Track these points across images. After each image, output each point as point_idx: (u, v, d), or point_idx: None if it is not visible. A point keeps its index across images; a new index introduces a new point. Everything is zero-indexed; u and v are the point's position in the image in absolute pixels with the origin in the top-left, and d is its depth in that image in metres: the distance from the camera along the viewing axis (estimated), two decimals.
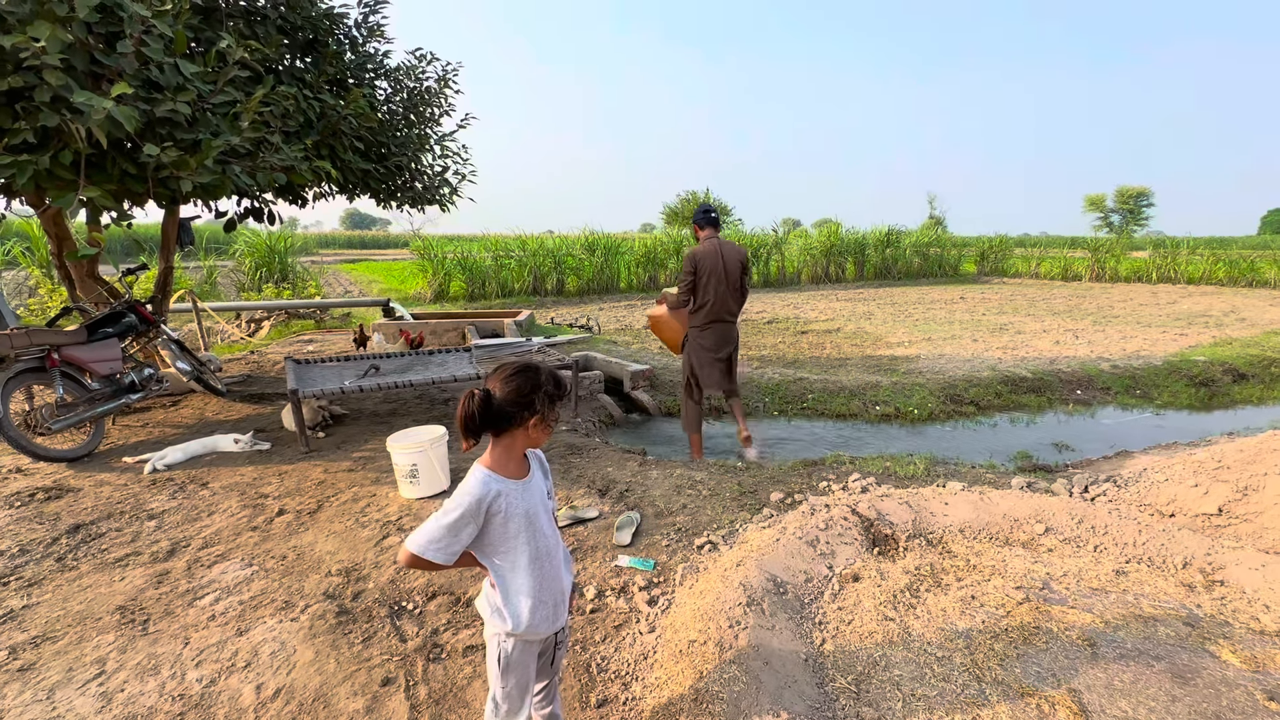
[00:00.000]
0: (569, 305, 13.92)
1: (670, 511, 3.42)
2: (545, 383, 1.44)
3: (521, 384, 1.43)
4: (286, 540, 3.12)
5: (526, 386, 1.42)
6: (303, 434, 4.21)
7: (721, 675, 1.88)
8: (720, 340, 4.51)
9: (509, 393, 1.42)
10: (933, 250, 22.27)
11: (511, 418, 1.42)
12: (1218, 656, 1.99)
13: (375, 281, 18.05)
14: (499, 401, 1.42)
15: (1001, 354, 7.86)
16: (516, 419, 1.43)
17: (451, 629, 2.45)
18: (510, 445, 1.47)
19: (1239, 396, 6.37)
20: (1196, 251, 19.54)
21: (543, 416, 1.44)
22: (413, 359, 5.11)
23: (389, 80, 5.70)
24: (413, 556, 1.41)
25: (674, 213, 28.91)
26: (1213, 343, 8.25)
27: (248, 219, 4.87)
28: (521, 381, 1.43)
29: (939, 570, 2.54)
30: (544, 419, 1.45)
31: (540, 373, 1.45)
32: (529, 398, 1.42)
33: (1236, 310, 12.24)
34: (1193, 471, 3.28)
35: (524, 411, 1.42)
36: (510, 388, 1.43)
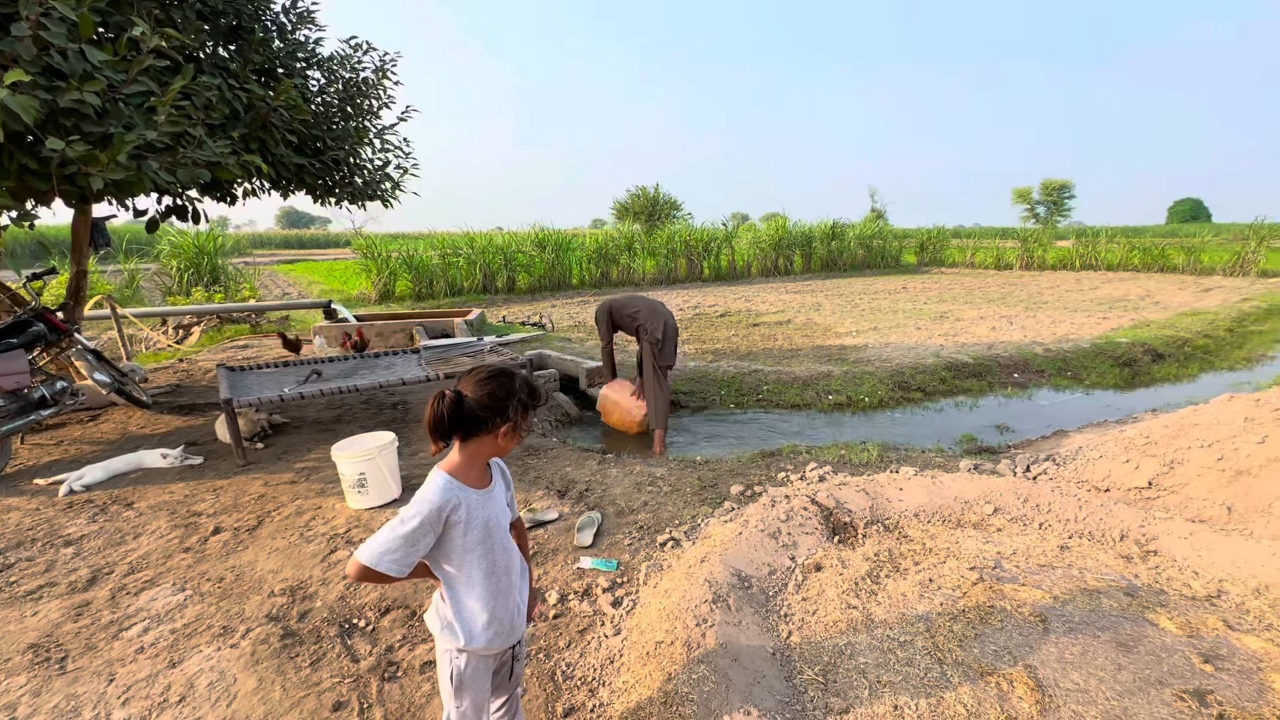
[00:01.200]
0: (520, 303, 13.68)
1: (631, 510, 3.38)
2: (520, 389, 1.38)
3: (495, 389, 1.36)
4: (224, 561, 2.93)
5: (500, 391, 1.36)
6: (239, 446, 3.96)
7: (690, 675, 1.86)
8: None
9: (482, 397, 1.35)
10: (875, 242, 22.96)
11: (482, 423, 1.35)
12: (1156, 624, 2.09)
13: (316, 283, 17.28)
14: (470, 405, 1.35)
15: (944, 341, 8.15)
16: (487, 425, 1.36)
17: (407, 644, 2.34)
18: (476, 452, 1.40)
19: (1158, 375, 6.81)
20: (1114, 240, 20.80)
21: (515, 425, 1.39)
22: (358, 362, 4.89)
23: (322, 70, 5.41)
24: (363, 568, 1.32)
25: (624, 208, 28.79)
26: (1132, 325, 8.79)
27: (170, 218, 4.54)
28: (495, 386, 1.36)
29: (897, 555, 2.59)
30: (515, 427, 1.39)
31: (515, 378, 1.39)
32: (502, 403, 1.36)
33: (1151, 294, 13.10)
34: (1124, 448, 3.47)
35: (496, 417, 1.36)
36: (483, 391, 1.35)
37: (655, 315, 4.71)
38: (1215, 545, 2.50)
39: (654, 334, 4.61)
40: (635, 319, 4.77)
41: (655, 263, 17.77)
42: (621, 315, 4.88)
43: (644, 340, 4.70)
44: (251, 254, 34.05)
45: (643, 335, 4.70)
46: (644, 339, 4.69)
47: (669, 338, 4.66)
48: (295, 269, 24.75)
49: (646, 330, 4.66)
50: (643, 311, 4.77)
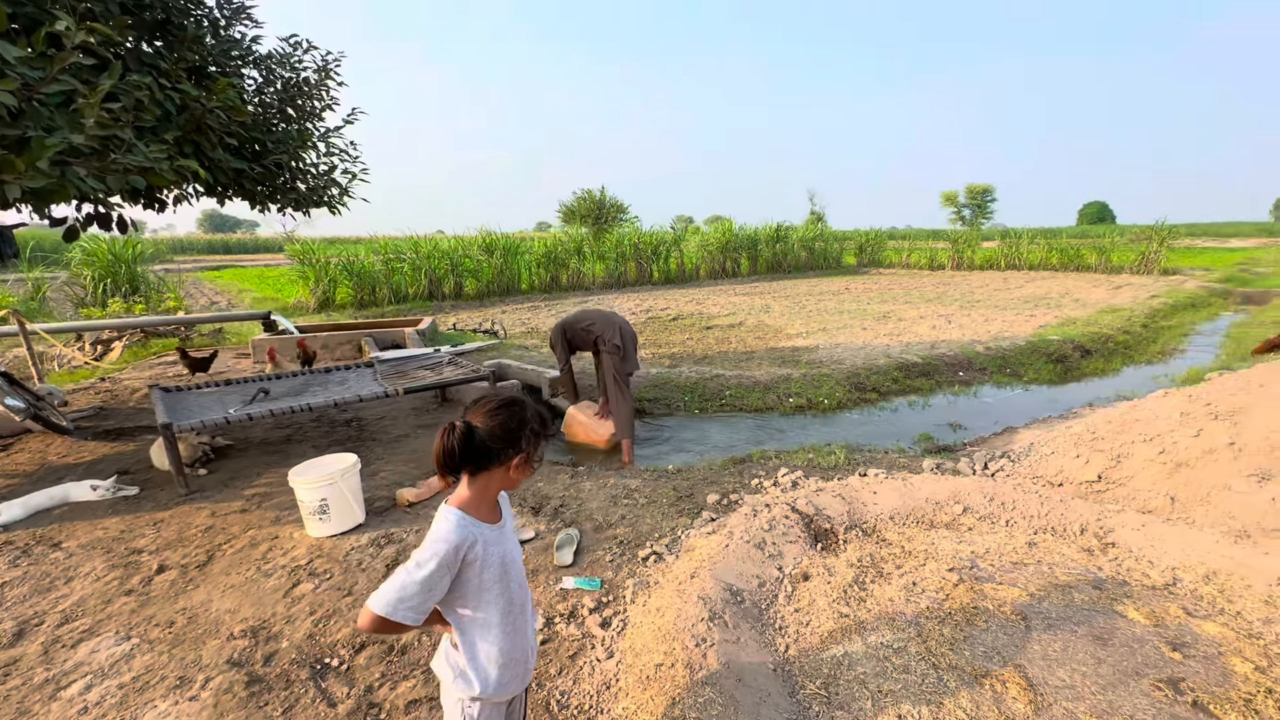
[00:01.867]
0: (469, 309, 13.35)
1: (609, 524, 3.32)
2: (531, 419, 1.32)
3: (507, 419, 1.29)
4: (172, 603, 2.69)
5: (512, 422, 1.29)
6: (180, 473, 3.67)
7: (696, 699, 1.82)
8: None
9: (494, 427, 1.27)
10: (817, 244, 23.67)
11: (495, 455, 1.28)
12: (1125, 616, 2.21)
13: (246, 291, 16.33)
14: (482, 436, 1.27)
15: (889, 340, 8.46)
16: (500, 456, 1.29)
17: (388, 683, 2.21)
18: (487, 486, 1.32)
19: (1088, 369, 7.28)
20: (1035, 241, 22.17)
21: (527, 456, 1.32)
22: (308, 378, 4.63)
23: (259, 69, 5.11)
24: (377, 619, 1.22)
25: (571, 211, 28.54)
26: (1059, 323, 9.37)
27: (91, 226, 4.16)
28: (507, 416, 1.29)
29: (879, 560, 2.65)
30: (528, 459, 1.32)
31: (527, 408, 1.33)
32: (515, 434, 1.29)
33: (1070, 292, 14.01)
34: (1073, 444, 3.67)
35: (508, 449, 1.29)
36: (495, 422, 1.28)
37: (610, 324, 4.67)
38: (1165, 535, 2.67)
39: (612, 341, 4.57)
40: (591, 331, 4.72)
41: (605, 266, 17.72)
42: (576, 331, 4.82)
43: (603, 351, 4.66)
44: (173, 260, 31.86)
45: (601, 346, 4.66)
46: (603, 350, 4.65)
47: (628, 342, 4.63)
48: (222, 276, 23.36)
49: (605, 340, 4.62)
50: (597, 323, 4.72)
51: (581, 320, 4.82)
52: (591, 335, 4.73)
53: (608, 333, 4.63)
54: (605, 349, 4.63)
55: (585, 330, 4.77)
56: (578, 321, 4.82)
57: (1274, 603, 2.26)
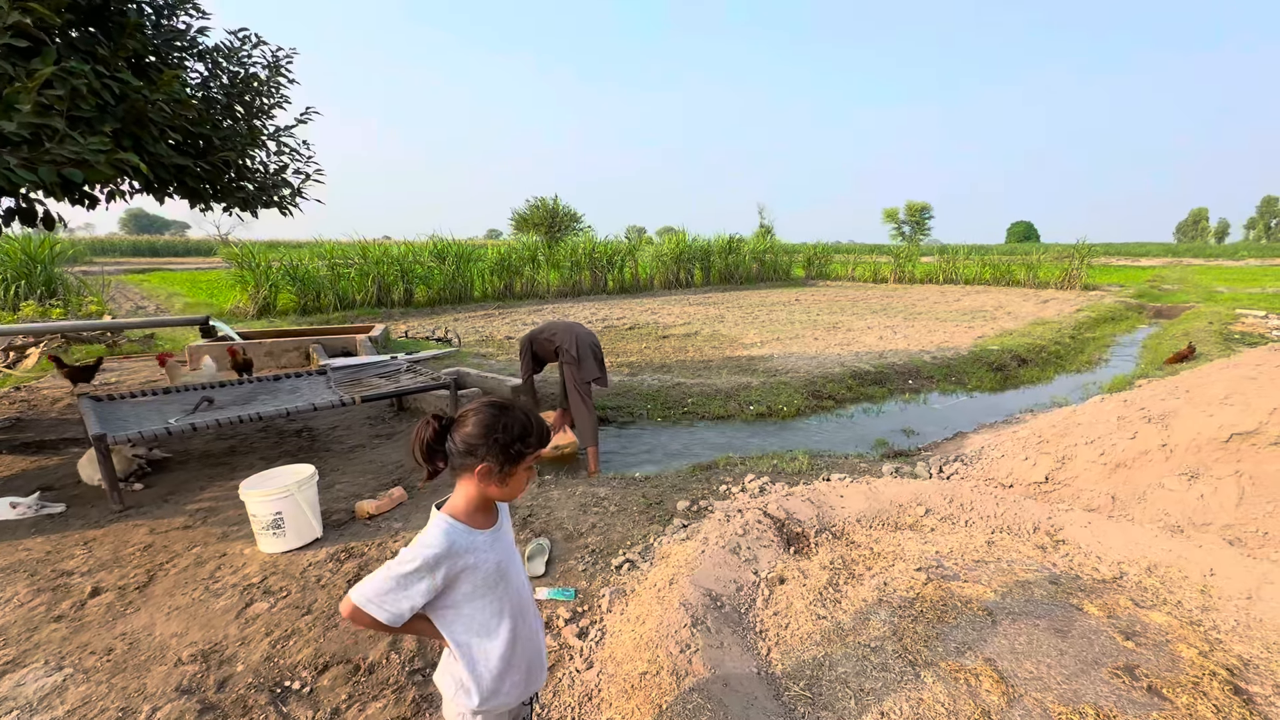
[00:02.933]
0: (420, 317, 13.00)
1: (580, 533, 3.28)
2: (504, 430, 1.23)
3: (479, 422, 1.23)
4: (110, 628, 2.49)
5: (480, 428, 1.23)
6: (114, 489, 3.41)
7: (685, 706, 1.81)
8: None
9: (467, 430, 1.23)
10: (768, 256, 24.25)
11: (463, 457, 1.23)
12: (1080, 608, 2.33)
13: (177, 295, 15.39)
14: (454, 437, 1.23)
15: (840, 350, 8.73)
16: (461, 463, 1.24)
17: (356, 704, 2.11)
18: (468, 492, 1.28)
19: (1024, 378, 7.70)
20: (969, 257, 23.41)
21: (490, 468, 1.23)
22: (255, 387, 4.39)
23: (205, 62, 4.86)
24: (354, 607, 1.20)
25: (523, 219, 28.24)
26: (996, 334, 9.90)
27: (13, 222, 3.84)
28: (479, 420, 1.24)
29: (850, 561, 2.71)
30: (493, 474, 1.24)
31: (508, 418, 1.24)
32: (478, 441, 1.22)
33: (1003, 305, 14.83)
34: (1021, 447, 3.87)
35: (469, 456, 1.23)
36: (469, 424, 1.24)
37: (569, 333, 4.69)
38: (1110, 531, 2.84)
39: (569, 351, 4.59)
40: (553, 341, 4.74)
41: (559, 275, 17.62)
42: (540, 342, 4.83)
43: (564, 362, 4.66)
44: (93, 262, 29.77)
45: (562, 357, 4.67)
46: (562, 359, 4.66)
47: (584, 351, 4.64)
48: (149, 279, 21.97)
49: (564, 350, 4.64)
50: (559, 334, 4.75)
51: (545, 331, 4.82)
52: (553, 345, 4.73)
53: (566, 342, 4.64)
54: (564, 359, 4.63)
55: (548, 340, 4.77)
56: (542, 333, 4.83)
57: (1209, 592, 2.43)
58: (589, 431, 4.55)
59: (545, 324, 4.89)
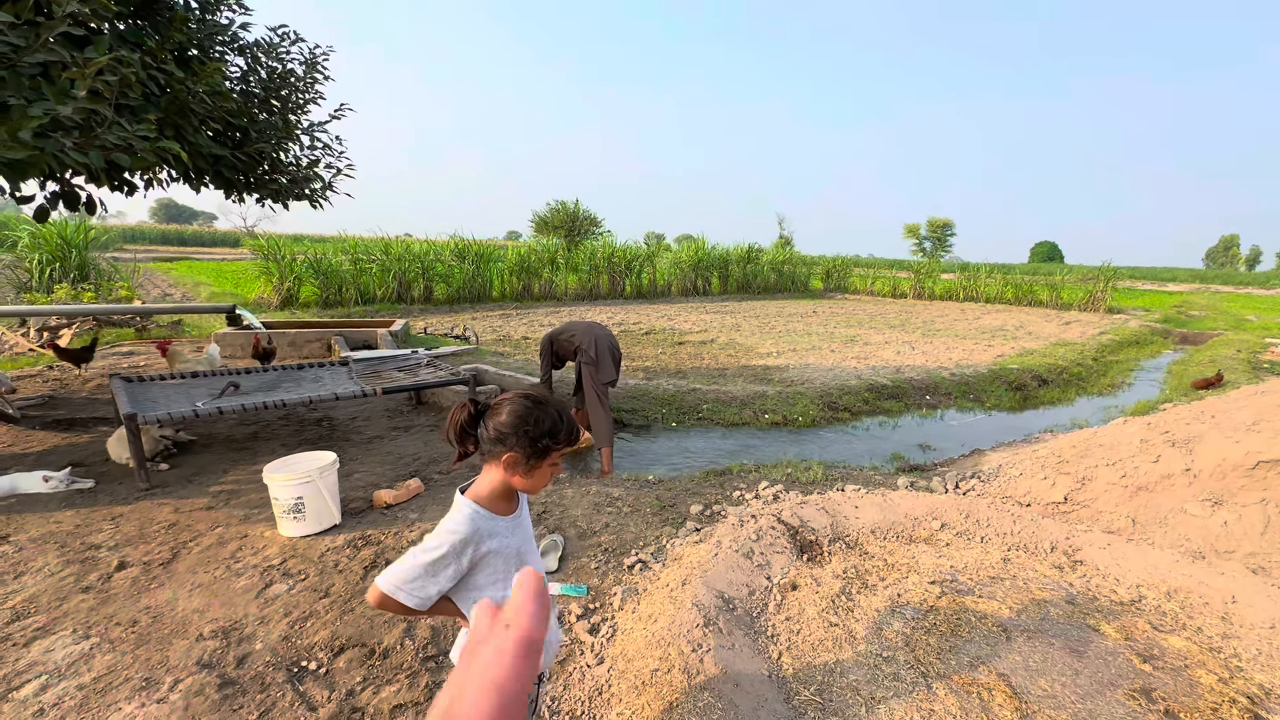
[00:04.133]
0: (438, 314, 13.15)
1: (594, 531, 3.31)
2: (535, 423, 1.26)
3: (512, 412, 1.27)
4: (135, 601, 2.56)
5: (510, 420, 1.26)
6: (141, 467, 3.50)
7: (695, 703, 1.82)
8: None
9: (500, 419, 1.27)
10: (786, 267, 24.18)
11: (492, 444, 1.27)
12: (1097, 629, 2.31)
13: (203, 284, 15.71)
14: (487, 424, 1.27)
15: (857, 363, 8.68)
16: (490, 449, 1.28)
17: (370, 687, 2.14)
18: (493, 478, 1.31)
19: (1044, 398, 7.61)
20: (991, 275, 23.15)
21: (516, 459, 1.27)
22: (280, 375, 4.48)
23: (245, 57, 4.99)
24: (382, 595, 1.23)
25: (544, 221, 28.44)
26: (1017, 353, 9.78)
27: (58, 205, 3.97)
28: (513, 410, 1.28)
29: (863, 572, 2.70)
30: (519, 465, 1.27)
31: (541, 412, 1.28)
32: (509, 431, 1.26)
33: (1024, 325, 14.64)
34: (1040, 466, 3.83)
35: (497, 445, 1.27)
36: (503, 413, 1.27)
37: (589, 334, 4.75)
38: (1129, 554, 2.80)
39: (587, 352, 4.65)
40: (573, 341, 4.80)
41: (578, 278, 17.70)
42: (561, 342, 4.91)
43: (582, 362, 4.72)
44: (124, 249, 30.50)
45: (581, 357, 4.73)
46: (582, 360, 4.72)
47: (602, 353, 4.69)
48: (176, 268, 22.43)
49: (583, 351, 4.70)
50: (579, 334, 4.81)
51: (566, 331, 4.89)
52: (573, 345, 4.79)
53: (585, 342, 4.71)
54: (583, 359, 4.69)
55: (568, 340, 4.83)
56: (563, 333, 4.89)
57: (1230, 620, 2.39)
58: (604, 432, 4.57)
59: (566, 324, 4.95)
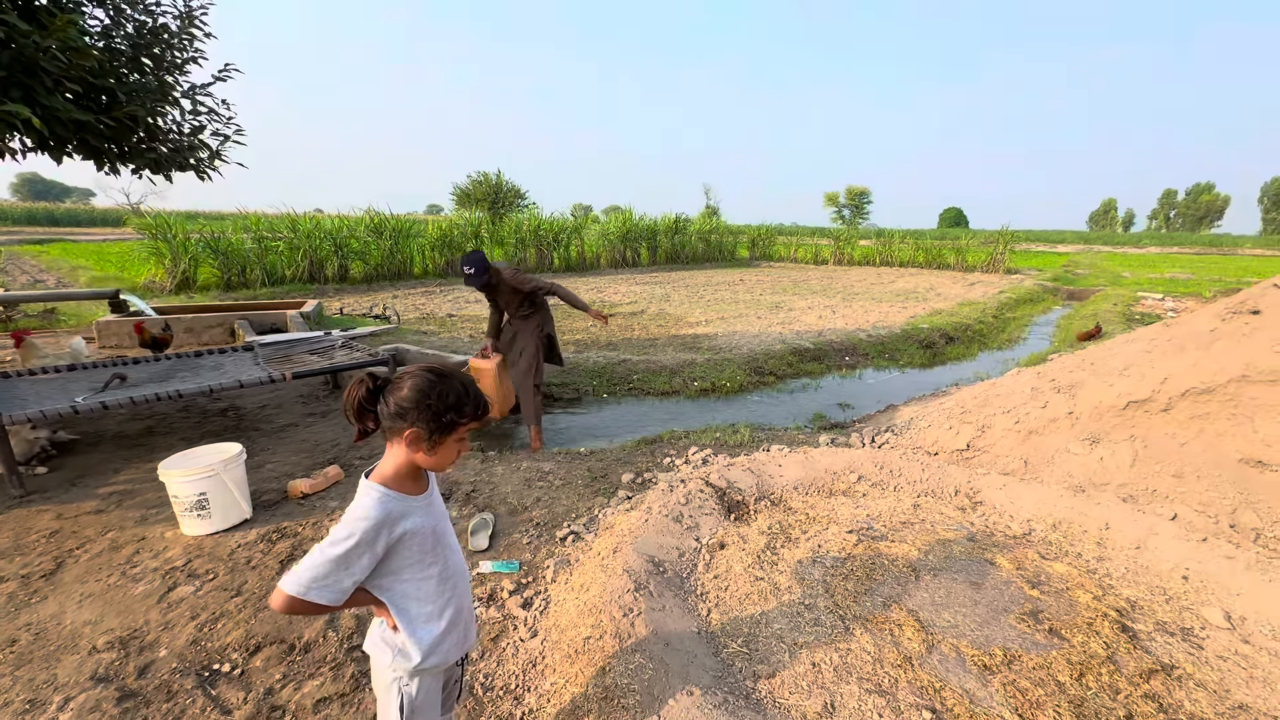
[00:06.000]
0: (356, 294, 12.49)
1: (525, 507, 3.28)
2: (438, 398, 1.20)
3: (409, 390, 1.20)
4: (12, 619, 2.33)
5: (411, 394, 1.19)
6: (12, 472, 3.15)
7: (627, 665, 1.86)
8: None
9: (400, 393, 1.20)
10: (713, 237, 24.47)
11: (393, 420, 1.21)
12: (994, 562, 2.52)
13: (82, 268, 14.18)
14: (387, 399, 1.21)
15: (782, 329, 8.95)
16: (391, 425, 1.22)
17: (291, 683, 2.06)
18: (398, 458, 1.25)
19: (951, 354, 8.14)
20: (904, 241, 24.34)
21: (421, 436, 1.21)
22: (174, 364, 4.12)
23: (105, 8, 4.45)
24: (289, 599, 1.15)
25: (465, 194, 27.40)
26: (927, 314, 10.39)
27: None
28: (414, 384, 1.20)
29: (787, 526, 2.82)
30: (420, 440, 1.21)
31: (440, 386, 1.21)
32: (409, 406, 1.19)
33: (934, 287, 15.54)
34: (946, 417, 4.10)
35: (399, 420, 1.20)
36: (400, 390, 1.21)
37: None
38: (1022, 493, 3.06)
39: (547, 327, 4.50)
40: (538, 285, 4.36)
41: (504, 252, 17.23)
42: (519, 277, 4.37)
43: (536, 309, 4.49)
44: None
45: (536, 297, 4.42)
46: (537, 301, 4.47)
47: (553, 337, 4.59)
48: (49, 250, 20.15)
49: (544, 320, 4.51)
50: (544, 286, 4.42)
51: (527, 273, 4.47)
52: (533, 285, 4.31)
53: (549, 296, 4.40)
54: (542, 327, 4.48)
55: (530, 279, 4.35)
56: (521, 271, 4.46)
57: (1104, 544, 2.67)
58: (535, 409, 4.51)
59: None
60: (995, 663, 1.93)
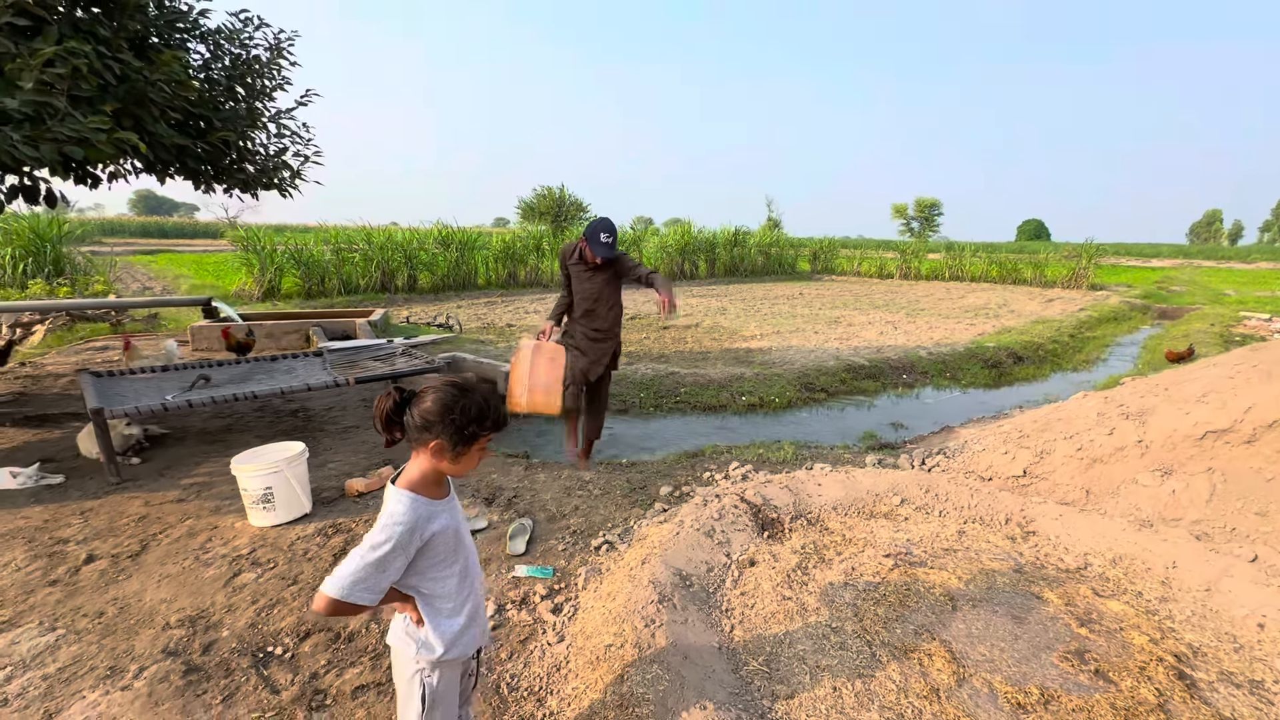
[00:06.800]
0: (423, 303, 13.10)
1: (563, 514, 3.36)
2: (461, 410, 1.27)
3: (436, 400, 1.28)
4: (102, 593, 2.59)
5: (438, 406, 1.28)
6: (111, 461, 3.50)
7: (644, 676, 1.88)
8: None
9: (425, 406, 1.29)
10: (773, 250, 24.20)
11: (418, 432, 1.29)
12: (1041, 597, 2.39)
13: (184, 277, 15.54)
14: (413, 412, 1.29)
15: (839, 344, 8.75)
16: (417, 437, 1.30)
17: (334, 670, 2.19)
18: (423, 465, 1.34)
19: (1019, 375, 7.72)
20: (977, 255, 23.25)
21: (442, 446, 1.29)
22: (252, 366, 4.48)
23: (206, 44, 4.92)
24: (333, 601, 1.23)
25: (530, 208, 28.26)
26: (996, 331, 9.89)
27: (16, 199, 3.93)
28: (438, 398, 1.29)
29: (821, 547, 2.77)
30: (446, 450, 1.30)
31: (466, 398, 1.29)
32: (434, 419, 1.27)
33: (1007, 303, 14.77)
34: (1002, 441, 3.91)
35: (425, 432, 1.29)
36: (427, 400, 1.30)
37: None
38: (1080, 524, 2.89)
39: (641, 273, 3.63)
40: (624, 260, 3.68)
41: None
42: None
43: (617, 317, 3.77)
44: (102, 242, 30.02)
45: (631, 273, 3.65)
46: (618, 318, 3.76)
47: None
48: (157, 260, 22.15)
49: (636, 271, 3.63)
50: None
51: None
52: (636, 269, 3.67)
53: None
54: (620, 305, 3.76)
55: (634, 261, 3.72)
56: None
57: (1169, 583, 2.48)
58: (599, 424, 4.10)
59: None
60: (1031, 701, 1.83)
